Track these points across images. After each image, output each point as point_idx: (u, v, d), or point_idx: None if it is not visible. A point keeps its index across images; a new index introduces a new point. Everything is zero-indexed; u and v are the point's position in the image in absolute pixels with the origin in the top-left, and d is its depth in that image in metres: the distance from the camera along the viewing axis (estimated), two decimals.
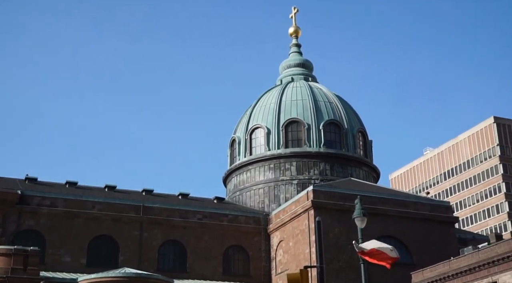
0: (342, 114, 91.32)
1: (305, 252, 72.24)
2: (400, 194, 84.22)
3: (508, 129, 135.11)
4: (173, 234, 76.76)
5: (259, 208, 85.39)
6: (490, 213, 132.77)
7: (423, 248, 74.44)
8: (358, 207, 25.25)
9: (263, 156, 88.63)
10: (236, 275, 77.78)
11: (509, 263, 53.52)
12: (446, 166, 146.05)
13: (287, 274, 20.06)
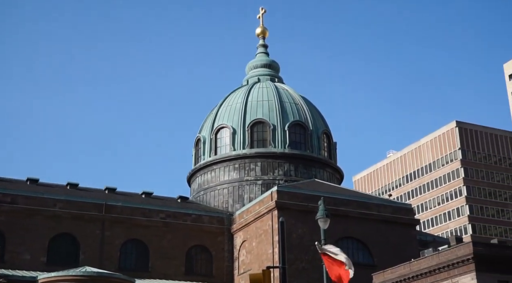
0: (307, 116, 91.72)
1: (268, 252, 72.34)
2: (363, 196, 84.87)
3: (470, 134, 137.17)
4: (136, 233, 76.15)
5: (223, 208, 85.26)
6: (451, 216, 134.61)
7: (385, 249, 75.15)
8: (321, 208, 25.32)
9: (228, 156, 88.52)
10: (198, 275, 77.52)
11: (469, 265, 54.29)
12: (408, 169, 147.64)
13: (250, 275, 20.03)
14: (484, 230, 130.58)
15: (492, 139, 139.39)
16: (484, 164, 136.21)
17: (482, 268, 53.87)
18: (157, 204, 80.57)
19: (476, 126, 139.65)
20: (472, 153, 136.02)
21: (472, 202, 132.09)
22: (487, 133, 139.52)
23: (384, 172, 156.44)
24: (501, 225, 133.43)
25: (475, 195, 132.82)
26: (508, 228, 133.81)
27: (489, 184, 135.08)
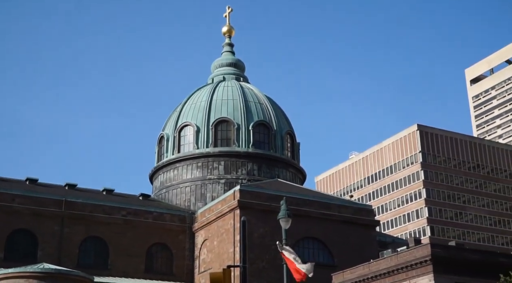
0: (271, 116, 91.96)
1: (229, 251, 72.33)
2: (325, 197, 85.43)
3: (430, 137, 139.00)
4: (96, 230, 75.42)
5: (185, 207, 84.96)
6: (410, 218, 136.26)
7: (345, 250, 75.78)
8: (283, 208, 25.43)
9: (191, 154, 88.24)
10: (158, 273, 77.12)
11: (427, 267, 55.02)
12: (370, 171, 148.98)
13: (210, 273, 20.04)
14: (442, 232, 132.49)
15: (452, 143, 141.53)
16: (443, 167, 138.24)
17: (439, 270, 54.66)
18: (118, 201, 79.91)
19: (436, 130, 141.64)
20: (432, 156, 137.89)
21: (431, 205, 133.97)
22: (447, 137, 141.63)
23: (346, 173, 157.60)
24: (459, 228, 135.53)
25: (434, 198, 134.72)
26: (466, 231, 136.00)
27: (448, 187, 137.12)
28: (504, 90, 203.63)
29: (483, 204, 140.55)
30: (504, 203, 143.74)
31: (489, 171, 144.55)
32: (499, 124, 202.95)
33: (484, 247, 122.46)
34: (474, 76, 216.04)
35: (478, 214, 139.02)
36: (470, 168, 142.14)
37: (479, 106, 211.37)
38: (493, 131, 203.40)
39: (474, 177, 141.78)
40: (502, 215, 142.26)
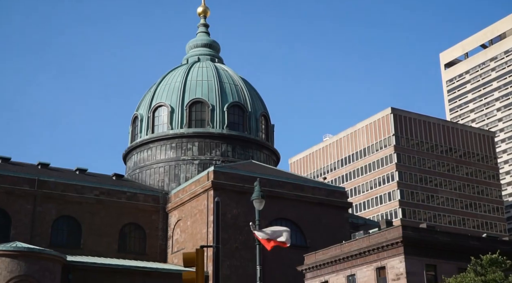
0: (246, 97, 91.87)
1: (202, 232, 72.53)
2: (298, 178, 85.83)
3: (404, 120, 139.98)
4: (68, 210, 75.11)
5: (158, 187, 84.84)
6: (382, 200, 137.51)
7: (317, 231, 76.39)
8: (257, 189, 25.53)
9: (165, 135, 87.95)
10: (131, 253, 77.12)
11: (398, 248, 55.65)
12: (343, 153, 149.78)
13: (183, 253, 20.11)
14: (414, 215, 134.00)
15: (425, 126, 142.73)
16: (416, 150, 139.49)
17: (410, 252, 55.33)
18: (91, 180, 79.56)
19: (410, 113, 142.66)
20: (405, 139, 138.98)
21: (403, 187, 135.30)
22: (420, 121, 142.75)
23: (319, 156, 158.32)
24: (431, 210, 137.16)
25: (406, 181, 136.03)
26: (437, 213, 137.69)
27: (421, 170, 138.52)
28: (478, 75, 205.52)
29: (454, 187, 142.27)
30: (476, 186, 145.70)
31: (461, 154, 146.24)
32: (472, 108, 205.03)
33: (455, 230, 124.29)
34: (449, 60, 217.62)
35: (450, 197, 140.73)
36: (442, 151, 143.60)
37: (452, 90, 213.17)
38: (466, 115, 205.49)
39: (446, 160, 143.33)
40: (473, 199, 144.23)
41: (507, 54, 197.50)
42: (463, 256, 54.34)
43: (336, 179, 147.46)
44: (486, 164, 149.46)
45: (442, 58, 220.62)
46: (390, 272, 55.97)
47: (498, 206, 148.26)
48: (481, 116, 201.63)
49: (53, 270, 61.38)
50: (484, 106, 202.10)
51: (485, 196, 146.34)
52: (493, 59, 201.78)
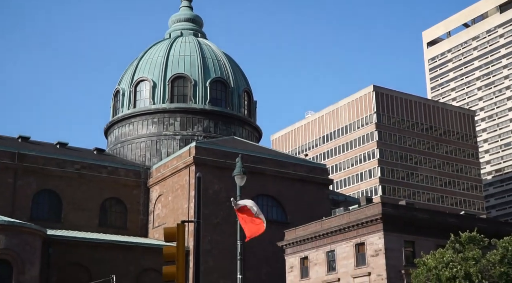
0: (229, 73, 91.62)
1: (184, 207, 72.75)
2: (280, 155, 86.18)
3: (385, 98, 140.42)
4: (49, 184, 74.90)
5: (140, 162, 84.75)
6: (363, 177, 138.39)
7: (298, 207, 76.92)
8: (238, 165, 25.65)
9: (147, 110, 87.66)
10: (112, 227, 77.24)
11: (377, 225, 56.23)
12: (325, 130, 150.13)
13: (164, 228, 20.22)
14: (393, 192, 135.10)
15: (406, 104, 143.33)
16: (397, 128, 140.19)
17: (389, 228, 55.94)
18: (72, 155, 79.29)
19: (392, 91, 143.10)
20: (386, 117, 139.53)
21: (384, 165, 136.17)
22: (402, 99, 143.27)
23: (301, 133, 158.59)
24: (410, 188, 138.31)
25: (387, 158, 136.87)
26: (416, 191, 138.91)
27: (401, 148, 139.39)
28: (460, 54, 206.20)
29: (434, 165, 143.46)
30: (455, 164, 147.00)
31: (442, 133, 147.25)
32: (454, 87, 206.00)
33: (434, 207, 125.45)
34: (431, 38, 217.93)
35: (429, 175, 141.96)
36: (423, 129, 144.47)
37: (434, 68, 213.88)
38: (447, 93, 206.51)
39: (427, 138, 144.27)
40: (452, 176, 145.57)
41: (489, 34, 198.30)
42: (441, 233, 55.04)
43: (318, 156, 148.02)
44: (465, 143, 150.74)
45: (424, 37, 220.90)
46: (369, 248, 56.63)
47: (476, 184, 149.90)
48: (462, 95, 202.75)
49: (33, 244, 61.35)
50: (465, 85, 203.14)
51: (464, 174, 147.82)
52: (475, 38, 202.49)
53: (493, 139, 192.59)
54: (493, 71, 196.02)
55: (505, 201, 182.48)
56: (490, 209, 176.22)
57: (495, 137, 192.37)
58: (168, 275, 19.83)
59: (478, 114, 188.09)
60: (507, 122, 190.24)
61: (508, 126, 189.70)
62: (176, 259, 19.77)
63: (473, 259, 36.11)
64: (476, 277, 34.68)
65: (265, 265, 72.35)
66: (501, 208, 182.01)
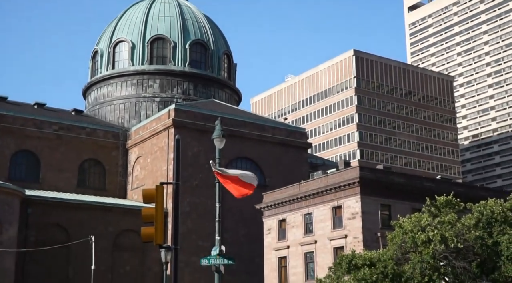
0: (209, 35, 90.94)
1: (163, 169, 72.87)
2: (259, 118, 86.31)
3: (365, 63, 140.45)
4: (27, 144, 74.49)
5: (118, 123, 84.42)
6: (341, 141, 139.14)
7: (277, 170, 77.40)
8: (218, 128, 25.64)
9: (126, 71, 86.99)
10: (91, 188, 77.27)
11: (355, 188, 56.80)
12: (305, 94, 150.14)
13: (143, 190, 20.31)
14: (371, 156, 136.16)
15: (386, 69, 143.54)
16: (376, 93, 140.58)
17: (366, 192, 56.53)
18: (50, 115, 78.77)
19: (372, 56, 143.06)
20: (366, 81, 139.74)
21: (363, 129, 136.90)
22: (382, 63, 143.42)
23: (281, 96, 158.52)
24: (388, 152, 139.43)
25: (365, 122, 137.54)
26: (394, 155, 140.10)
27: (380, 113, 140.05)
28: (440, 19, 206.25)
29: (412, 130, 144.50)
30: (433, 129, 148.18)
31: (420, 98, 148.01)
32: (433, 52, 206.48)
33: (411, 172, 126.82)
34: (412, 3, 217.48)
35: (407, 140, 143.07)
36: (402, 94, 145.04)
37: (415, 33, 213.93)
38: (427, 59, 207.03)
39: (405, 103, 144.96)
40: (430, 141, 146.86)
41: None
42: (417, 197, 55.76)
43: (297, 120, 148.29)
44: (443, 108, 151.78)
45: (405, 1, 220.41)
46: (346, 211, 57.31)
47: (453, 149, 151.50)
48: (441, 60, 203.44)
49: (11, 204, 61.25)
50: (444, 50, 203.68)
51: (441, 139, 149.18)
52: (456, 3, 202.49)
53: (471, 105, 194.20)
54: (473, 37, 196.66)
55: (481, 166, 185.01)
56: (466, 174, 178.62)
57: (473, 102, 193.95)
58: (146, 236, 19.98)
59: (457, 80, 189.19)
60: (486, 88, 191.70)
61: (486, 92, 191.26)
62: (155, 220, 19.91)
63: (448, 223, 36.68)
64: (451, 241, 35.27)
65: (243, 227, 73.01)
66: (477, 173, 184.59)
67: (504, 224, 37.80)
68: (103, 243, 64.93)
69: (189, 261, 66.49)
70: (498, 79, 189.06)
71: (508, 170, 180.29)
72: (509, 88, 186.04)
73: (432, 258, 35.30)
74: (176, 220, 21.95)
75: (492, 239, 37.15)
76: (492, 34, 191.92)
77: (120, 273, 68.61)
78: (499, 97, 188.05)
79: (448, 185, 64.24)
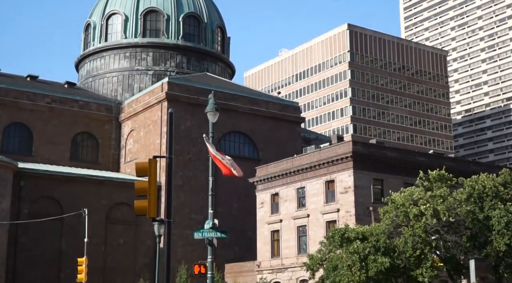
0: (202, 8, 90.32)
1: (156, 142, 72.85)
2: (253, 92, 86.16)
3: (359, 37, 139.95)
4: (20, 117, 74.24)
5: (111, 97, 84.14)
6: (335, 116, 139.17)
7: (270, 144, 77.50)
8: (211, 101, 25.54)
9: (119, 44, 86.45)
10: (84, 161, 77.26)
11: (347, 163, 56.98)
12: (298, 68, 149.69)
13: (136, 163, 20.31)
14: (364, 131, 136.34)
15: (380, 43, 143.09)
16: (370, 67, 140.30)
17: (359, 166, 56.74)
18: (43, 88, 78.43)
19: (366, 30, 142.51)
20: (360, 56, 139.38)
21: (356, 104, 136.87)
22: (376, 38, 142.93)
23: (274, 70, 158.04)
24: (381, 127, 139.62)
25: (359, 97, 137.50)
26: (387, 130, 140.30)
27: (373, 87, 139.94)
28: None
29: (405, 104, 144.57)
30: (426, 104, 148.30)
31: (414, 72, 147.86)
32: (427, 27, 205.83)
33: (404, 146, 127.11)
34: None
35: (400, 114, 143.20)
36: (395, 69, 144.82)
37: (409, 8, 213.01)
38: (421, 33, 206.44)
39: (399, 78, 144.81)
40: (423, 116, 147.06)
41: None
42: (409, 171, 56.00)
43: (290, 94, 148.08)
44: (437, 83, 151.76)
45: None
46: (339, 186, 57.55)
47: (446, 124, 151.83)
48: (435, 35, 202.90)
49: (4, 177, 61.24)
50: (438, 25, 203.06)
51: (434, 114, 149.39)
52: None
53: (464, 80, 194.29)
54: (467, 11, 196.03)
55: (473, 141, 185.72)
56: (459, 149, 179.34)
57: (466, 77, 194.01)
58: (139, 209, 20.02)
59: (451, 54, 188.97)
60: (479, 62, 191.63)
61: (480, 67, 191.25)
62: (148, 193, 19.94)
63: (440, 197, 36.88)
64: (443, 215, 35.50)
65: (236, 200, 73.30)
66: (469, 148, 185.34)
67: (495, 198, 38.07)
68: (96, 216, 65.08)
69: (182, 234, 66.83)
70: (492, 54, 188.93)
71: (500, 145, 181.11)
72: (502, 63, 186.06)
73: (424, 232, 35.58)
74: (169, 194, 22.01)
75: (483, 214, 37.44)
76: (486, 9, 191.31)
77: (113, 246, 68.91)
78: (492, 72, 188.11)
79: (441, 159, 64.49)
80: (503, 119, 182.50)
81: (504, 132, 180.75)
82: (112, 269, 68.18)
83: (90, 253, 50.89)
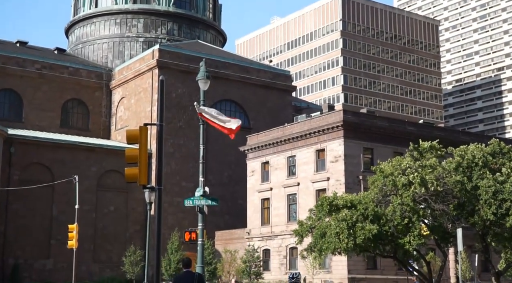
0: None
1: (146, 110, 72.73)
2: (244, 60, 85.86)
3: (351, 6, 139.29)
4: (9, 83, 73.80)
5: (102, 63, 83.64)
6: (326, 85, 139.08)
7: (261, 113, 77.55)
8: (202, 69, 25.50)
9: (109, 10, 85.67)
10: (74, 128, 77.15)
11: (338, 132, 57.22)
12: (290, 37, 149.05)
13: (127, 130, 20.32)
14: (355, 100, 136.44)
15: (372, 12, 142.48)
16: (362, 36, 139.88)
17: (349, 135, 57.02)
18: (33, 54, 77.81)
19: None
20: (352, 25, 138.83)
21: (347, 73, 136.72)
22: (368, 6, 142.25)
23: (266, 38, 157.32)
24: (372, 96, 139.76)
25: (350, 66, 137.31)
26: (378, 99, 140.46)
27: (365, 56, 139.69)
28: None
29: (396, 74, 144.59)
30: (417, 74, 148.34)
31: (405, 42, 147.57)
32: None
33: (394, 116, 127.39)
34: None
35: (391, 84, 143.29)
36: (387, 38, 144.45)
37: None
38: (413, 2, 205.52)
39: (391, 47, 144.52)
40: (414, 86, 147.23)
41: None
42: (399, 140, 56.39)
43: (282, 63, 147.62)
44: (428, 52, 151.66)
45: None
46: (329, 154, 57.84)
47: (436, 94, 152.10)
48: (427, 4, 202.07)
49: None
50: None
51: (424, 84, 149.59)
52: None
53: (455, 50, 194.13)
54: None
55: (464, 111, 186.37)
56: (449, 118, 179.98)
57: (458, 47, 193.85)
58: (130, 177, 20.06)
59: (443, 24, 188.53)
60: (471, 33, 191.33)
61: (471, 37, 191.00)
62: (139, 161, 19.96)
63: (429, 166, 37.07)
64: (431, 184, 35.72)
65: (227, 169, 73.55)
66: (459, 118, 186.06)
67: (484, 168, 38.30)
68: (87, 183, 65.21)
69: (172, 201, 67.15)
70: (483, 24, 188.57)
71: (489, 115, 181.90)
72: (493, 33, 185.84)
73: (412, 201, 35.84)
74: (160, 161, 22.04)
75: (472, 183, 37.71)
76: None
77: (104, 213, 69.19)
78: (483, 42, 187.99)
79: (430, 129, 64.82)
80: (493, 90, 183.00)
81: (494, 102, 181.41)
82: (103, 236, 68.59)
83: (81, 219, 51.14)
